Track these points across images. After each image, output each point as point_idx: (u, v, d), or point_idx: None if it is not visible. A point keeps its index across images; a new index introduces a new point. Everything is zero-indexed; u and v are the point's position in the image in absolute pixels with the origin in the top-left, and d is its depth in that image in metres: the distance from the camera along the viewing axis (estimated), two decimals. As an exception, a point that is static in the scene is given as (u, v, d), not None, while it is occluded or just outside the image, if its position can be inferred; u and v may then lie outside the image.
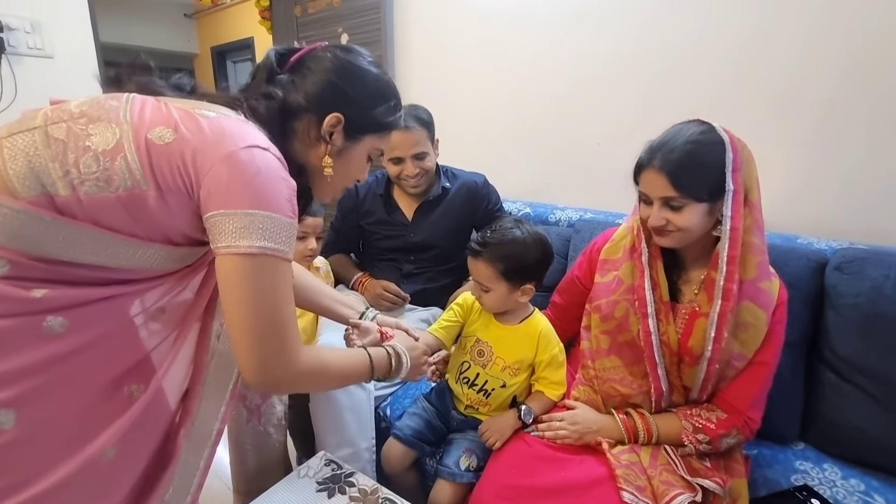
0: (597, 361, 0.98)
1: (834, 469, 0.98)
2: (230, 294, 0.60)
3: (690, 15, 1.41)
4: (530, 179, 1.83)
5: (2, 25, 1.75)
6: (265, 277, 0.60)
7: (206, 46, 5.00)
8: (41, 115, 0.57)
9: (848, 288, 1.03)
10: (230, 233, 0.57)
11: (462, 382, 1.07)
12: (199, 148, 0.57)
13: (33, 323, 0.54)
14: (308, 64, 0.73)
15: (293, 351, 0.64)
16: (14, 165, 0.54)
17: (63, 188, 0.55)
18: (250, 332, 0.60)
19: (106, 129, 0.56)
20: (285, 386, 0.67)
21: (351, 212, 1.53)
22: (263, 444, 1.04)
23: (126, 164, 0.56)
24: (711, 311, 0.84)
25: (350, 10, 2.27)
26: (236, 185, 0.57)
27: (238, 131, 0.60)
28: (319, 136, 0.72)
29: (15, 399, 0.53)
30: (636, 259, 0.93)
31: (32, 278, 0.55)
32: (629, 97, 1.56)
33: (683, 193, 0.81)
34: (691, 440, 0.87)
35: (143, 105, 0.60)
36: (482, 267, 0.97)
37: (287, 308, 0.63)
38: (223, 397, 0.78)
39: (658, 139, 0.86)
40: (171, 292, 0.68)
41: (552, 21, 1.68)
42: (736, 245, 0.82)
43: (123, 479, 0.65)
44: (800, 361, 1.07)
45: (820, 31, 1.23)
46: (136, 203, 0.57)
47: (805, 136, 1.29)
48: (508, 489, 0.86)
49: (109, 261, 0.58)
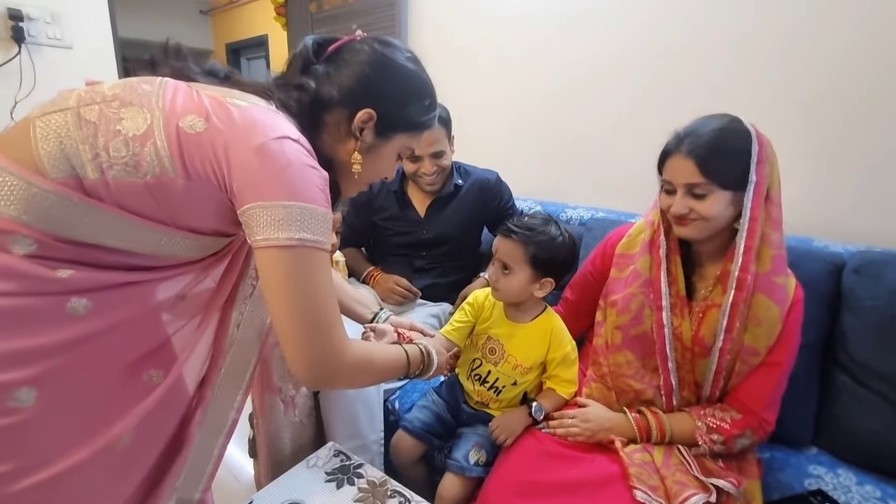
0: (609, 357, 0.98)
1: (848, 474, 0.97)
2: (274, 289, 0.59)
3: (701, 10, 1.40)
4: (542, 177, 1.83)
5: (23, 15, 1.77)
6: (306, 270, 0.59)
7: (220, 43, 5.05)
8: (74, 96, 0.57)
9: (865, 291, 1.02)
10: (268, 225, 0.56)
11: (473, 379, 1.07)
12: (230, 139, 0.57)
13: (57, 303, 0.54)
14: (344, 55, 0.70)
15: (342, 343, 0.63)
16: (45, 146, 0.54)
17: (92, 171, 0.55)
18: (297, 327, 0.59)
19: (137, 114, 0.56)
20: (336, 380, 0.66)
21: (364, 207, 1.53)
22: (300, 434, 1.05)
23: (155, 151, 0.55)
24: (724, 301, 0.84)
25: (365, 7, 2.29)
26: (270, 177, 0.56)
27: (269, 122, 0.59)
28: (350, 131, 0.70)
29: (36, 377, 0.53)
30: (654, 252, 0.93)
31: (58, 258, 0.55)
32: (640, 95, 1.55)
33: (710, 179, 0.82)
34: (705, 440, 0.86)
35: (176, 91, 0.59)
36: (513, 247, 0.97)
37: (331, 300, 0.62)
38: (240, 386, 0.79)
39: (685, 128, 0.87)
40: (195, 281, 0.68)
41: (565, 18, 1.67)
42: (753, 235, 0.82)
43: (139, 465, 0.65)
44: (815, 364, 1.06)
45: (840, 31, 1.21)
46: (163, 190, 0.57)
47: (822, 139, 1.27)
48: (519, 485, 0.85)
49: (134, 246, 0.58)
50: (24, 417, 0.52)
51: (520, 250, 0.96)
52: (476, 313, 1.09)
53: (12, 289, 0.52)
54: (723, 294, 0.85)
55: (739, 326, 0.84)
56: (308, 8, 2.59)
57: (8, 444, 0.52)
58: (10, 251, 0.52)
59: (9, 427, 0.52)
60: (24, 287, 0.53)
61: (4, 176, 0.52)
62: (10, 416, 0.52)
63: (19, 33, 1.76)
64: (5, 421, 0.51)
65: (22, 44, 1.78)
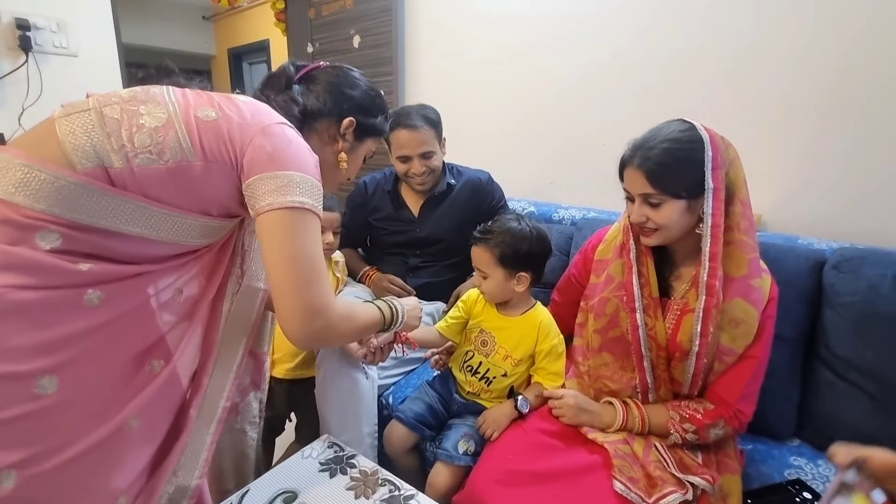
0: (589, 359, 1.01)
1: (828, 465, 0.99)
2: (275, 245, 0.66)
3: (694, 15, 1.43)
4: (535, 178, 1.86)
5: (30, 25, 1.82)
6: (304, 229, 0.67)
7: (222, 48, 5.11)
8: (92, 100, 0.63)
9: (845, 287, 1.04)
10: (272, 191, 0.65)
11: (465, 370, 1.11)
12: (241, 123, 0.67)
13: (76, 295, 0.59)
14: (315, 76, 0.86)
15: (331, 296, 0.70)
16: (73, 140, 0.60)
17: (118, 161, 0.61)
18: (294, 279, 0.66)
19: (156, 109, 0.64)
20: (326, 331, 0.70)
21: (360, 207, 1.57)
22: (239, 441, 1.04)
23: (177, 138, 0.63)
24: (696, 307, 0.86)
25: (362, 13, 2.33)
26: (276, 152, 0.66)
27: (269, 111, 0.71)
28: (336, 135, 0.86)
29: (58, 366, 0.57)
30: (625, 256, 0.95)
31: (80, 252, 0.60)
32: (633, 97, 1.58)
33: (660, 190, 0.84)
34: (677, 429, 0.89)
35: (184, 91, 0.68)
36: (481, 252, 1.04)
37: (321, 258, 0.70)
38: (228, 375, 0.83)
39: (640, 138, 0.89)
40: (188, 273, 0.73)
41: (558, 22, 1.71)
42: (717, 242, 0.83)
43: (144, 448, 0.69)
44: (796, 359, 1.08)
45: (819, 34, 1.24)
46: (182, 173, 0.64)
47: (805, 138, 1.30)
48: (504, 473, 0.88)
49: (151, 232, 0.64)
50: (47, 403, 0.57)
51: (487, 254, 1.03)
52: (469, 310, 1.13)
53: (37, 282, 0.56)
54: (696, 298, 0.87)
55: (714, 330, 0.85)
56: (307, 13, 2.63)
57: (35, 429, 0.56)
58: (37, 247, 0.57)
59: (35, 412, 0.56)
60: (48, 281, 0.57)
61: (34, 172, 0.57)
62: (35, 402, 0.56)
63: (27, 42, 1.81)
64: (32, 407, 0.55)
65: (29, 52, 1.83)
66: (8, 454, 0.54)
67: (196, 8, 4.94)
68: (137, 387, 0.67)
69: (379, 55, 2.28)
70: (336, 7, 2.46)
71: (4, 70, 1.81)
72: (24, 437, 0.55)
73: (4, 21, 1.79)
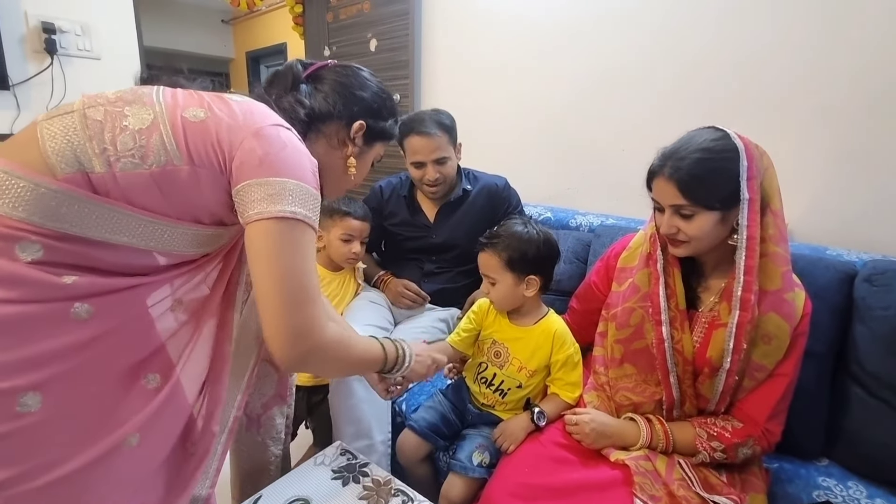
0: (610, 370, 0.98)
1: (859, 487, 0.95)
2: (262, 259, 0.60)
3: (711, 16, 1.40)
4: (551, 183, 1.84)
5: (55, 28, 1.86)
6: (295, 242, 0.61)
7: (241, 51, 5.18)
8: (78, 102, 0.61)
9: (877, 300, 1.00)
10: (262, 199, 0.60)
11: (480, 382, 1.09)
12: (231, 124, 0.62)
13: (61, 309, 0.56)
14: (322, 75, 0.81)
15: (322, 320, 0.64)
16: (53, 144, 0.57)
17: (99, 165, 0.57)
18: (281, 298, 0.60)
19: (141, 110, 0.60)
20: (311, 357, 0.64)
21: (375, 212, 1.56)
22: (259, 454, 1.02)
23: (161, 141, 0.59)
24: (729, 322, 0.83)
25: (380, 17, 2.33)
26: (267, 157, 0.61)
27: (264, 111, 0.66)
28: (346, 139, 0.81)
29: (41, 382, 0.54)
30: (652, 266, 0.93)
31: (63, 264, 0.56)
32: (651, 101, 1.55)
33: (693, 202, 0.81)
34: (705, 447, 0.86)
35: (174, 92, 0.65)
36: (489, 257, 1.02)
37: (314, 276, 0.64)
38: (240, 386, 0.82)
39: (670, 146, 0.85)
40: (188, 285, 0.70)
41: (574, 26, 1.69)
42: (753, 255, 0.80)
43: (148, 464, 0.66)
44: (825, 374, 1.04)
45: (845, 36, 1.20)
46: (168, 178, 0.60)
47: (832, 144, 1.26)
48: (521, 487, 0.86)
49: (137, 241, 0.60)
50: (31, 421, 0.54)
51: (494, 259, 1.01)
52: (480, 320, 1.11)
53: (17, 296, 0.53)
54: (728, 312, 0.84)
55: (747, 347, 0.82)
56: (325, 17, 2.65)
57: (18, 448, 0.54)
58: (17, 258, 0.54)
59: (18, 431, 0.53)
60: (30, 294, 0.54)
61: (13, 180, 0.54)
62: (18, 421, 0.53)
63: (52, 45, 1.85)
64: (14, 425, 0.53)
65: (54, 55, 1.87)
66: None
67: (215, 12, 5.02)
68: (134, 402, 0.63)
69: (395, 59, 2.28)
70: (353, 11, 2.47)
71: (30, 72, 1.85)
72: (7, 456, 0.53)
73: (31, 25, 1.84)
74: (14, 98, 1.82)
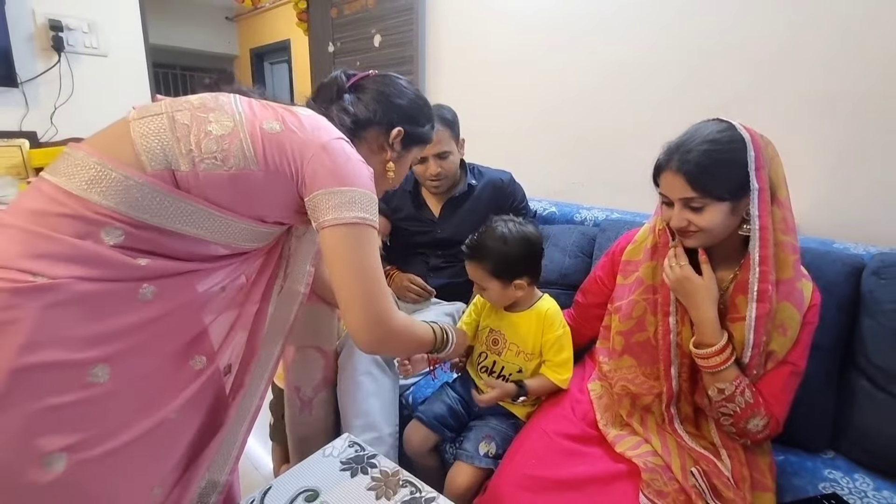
0: (612, 360, 0.99)
1: (866, 480, 0.95)
2: (343, 259, 0.70)
3: (722, 11, 1.39)
4: (556, 178, 1.84)
5: (62, 26, 1.87)
6: (366, 243, 0.71)
7: (245, 48, 5.19)
8: (163, 105, 0.67)
9: (886, 294, 1.00)
10: (335, 207, 0.69)
11: (481, 371, 1.10)
12: (302, 138, 0.70)
13: (132, 288, 0.62)
14: (365, 84, 0.87)
15: (393, 307, 0.74)
16: (145, 142, 0.63)
17: (184, 164, 0.64)
18: (361, 291, 0.70)
19: (222, 117, 0.67)
20: (390, 340, 0.75)
21: (380, 207, 1.57)
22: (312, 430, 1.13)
23: (240, 147, 0.66)
24: (747, 315, 0.82)
25: (384, 12, 2.33)
26: (337, 168, 0.70)
27: (328, 126, 0.74)
28: (385, 145, 0.87)
29: (110, 356, 0.59)
30: (658, 259, 0.92)
31: (139, 249, 0.62)
32: (657, 96, 1.55)
33: (702, 194, 0.80)
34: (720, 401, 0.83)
35: (250, 102, 0.72)
36: (474, 268, 1.03)
37: (381, 269, 0.73)
38: (264, 375, 0.85)
39: (676, 140, 0.85)
40: (234, 274, 0.75)
41: (580, 21, 1.68)
42: (766, 244, 0.80)
43: (180, 440, 0.71)
44: (833, 368, 1.04)
45: (856, 31, 1.19)
46: (244, 180, 0.67)
47: (839, 138, 1.25)
48: (528, 479, 0.87)
49: (206, 233, 0.67)
50: (99, 391, 0.59)
51: (479, 269, 1.02)
52: (479, 312, 1.13)
53: (98, 275, 0.59)
54: (745, 304, 0.82)
55: (766, 339, 0.81)
56: (329, 13, 2.65)
57: (87, 415, 0.58)
58: (102, 241, 0.60)
59: (87, 400, 0.58)
60: (109, 274, 0.60)
61: (107, 171, 0.60)
62: (87, 390, 0.58)
63: (59, 43, 1.86)
64: (85, 394, 0.58)
65: (61, 52, 1.89)
66: (60, 438, 0.56)
67: (220, 9, 5.03)
68: (181, 381, 0.69)
69: (400, 54, 2.28)
70: (357, 6, 2.47)
71: (38, 70, 1.87)
72: (75, 423, 0.57)
73: (39, 22, 1.85)
74: (23, 95, 1.84)
